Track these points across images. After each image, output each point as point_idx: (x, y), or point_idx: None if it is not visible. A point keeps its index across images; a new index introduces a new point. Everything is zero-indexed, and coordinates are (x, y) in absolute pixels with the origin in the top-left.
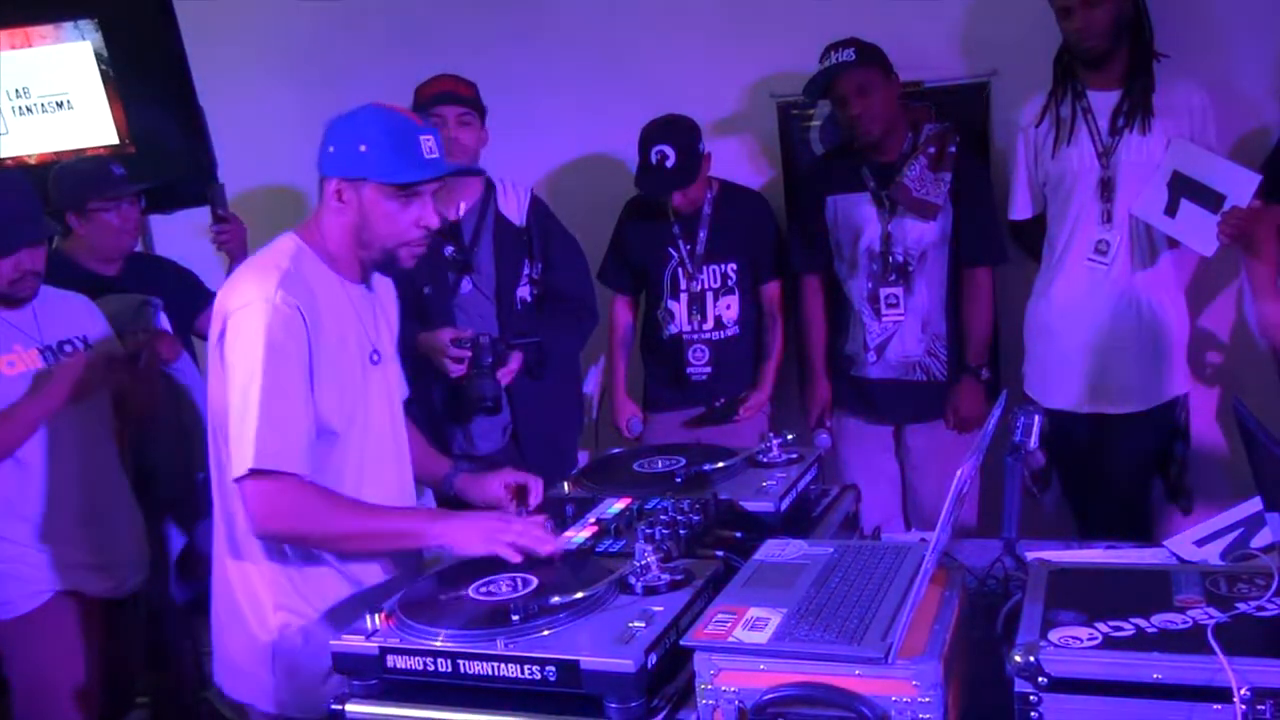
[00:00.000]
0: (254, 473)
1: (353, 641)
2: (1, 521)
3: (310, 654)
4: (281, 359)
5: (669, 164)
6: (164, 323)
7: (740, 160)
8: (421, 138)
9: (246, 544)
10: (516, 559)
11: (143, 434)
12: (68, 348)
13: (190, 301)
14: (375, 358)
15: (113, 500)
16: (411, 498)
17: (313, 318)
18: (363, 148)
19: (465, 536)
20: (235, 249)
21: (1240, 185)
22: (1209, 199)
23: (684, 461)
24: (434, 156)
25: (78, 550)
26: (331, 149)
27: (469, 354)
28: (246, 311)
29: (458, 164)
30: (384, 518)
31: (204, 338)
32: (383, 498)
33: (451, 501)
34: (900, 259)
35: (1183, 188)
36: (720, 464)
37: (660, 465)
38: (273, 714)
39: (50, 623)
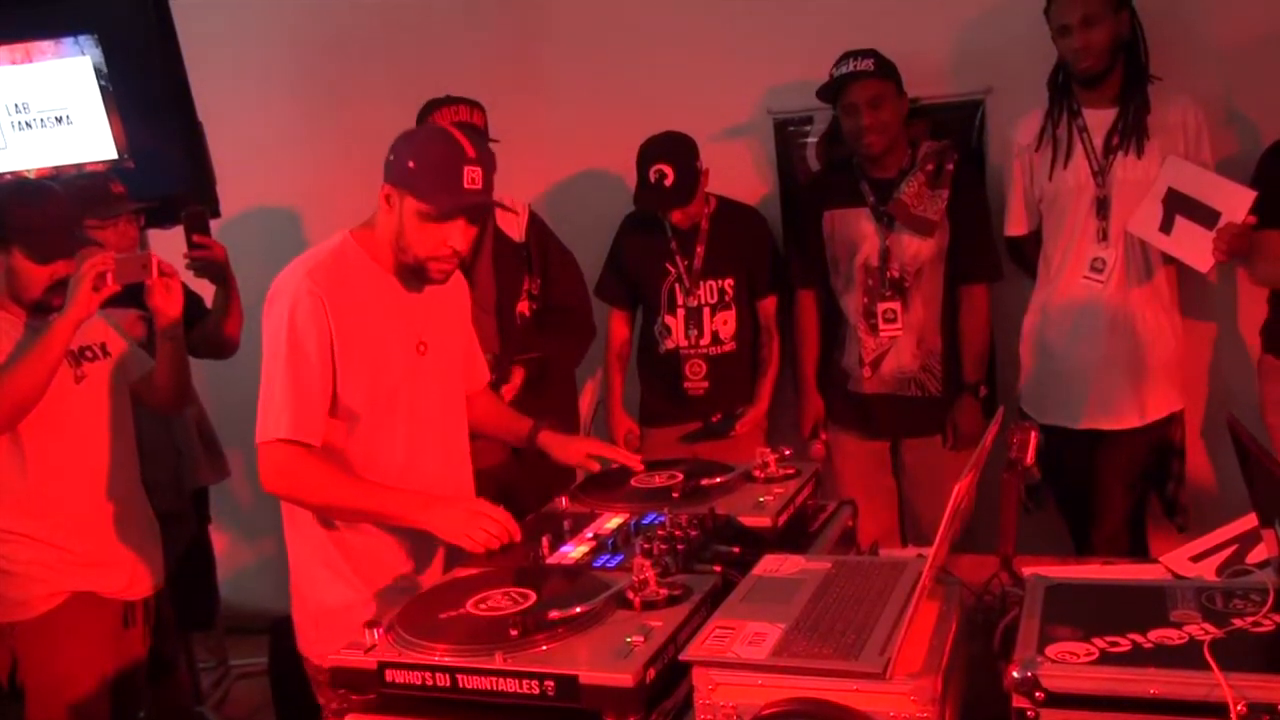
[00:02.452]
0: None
1: (351, 656)
2: (17, 520)
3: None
4: (300, 341)
5: (668, 182)
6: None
7: (737, 176)
8: (467, 168)
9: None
10: (479, 550)
11: (139, 449)
12: (88, 353)
13: (185, 317)
14: (422, 348)
15: (129, 500)
16: (463, 479)
17: (339, 307)
18: (412, 164)
19: (442, 525)
20: (214, 274)
21: (1235, 201)
22: (1204, 215)
23: (681, 476)
24: (474, 188)
25: (94, 550)
26: (391, 157)
27: None
28: (278, 298)
29: (492, 200)
30: (374, 499)
31: (194, 354)
32: (432, 474)
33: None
34: (897, 275)
35: (1178, 204)
36: (717, 479)
37: (658, 480)
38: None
39: (67, 623)
